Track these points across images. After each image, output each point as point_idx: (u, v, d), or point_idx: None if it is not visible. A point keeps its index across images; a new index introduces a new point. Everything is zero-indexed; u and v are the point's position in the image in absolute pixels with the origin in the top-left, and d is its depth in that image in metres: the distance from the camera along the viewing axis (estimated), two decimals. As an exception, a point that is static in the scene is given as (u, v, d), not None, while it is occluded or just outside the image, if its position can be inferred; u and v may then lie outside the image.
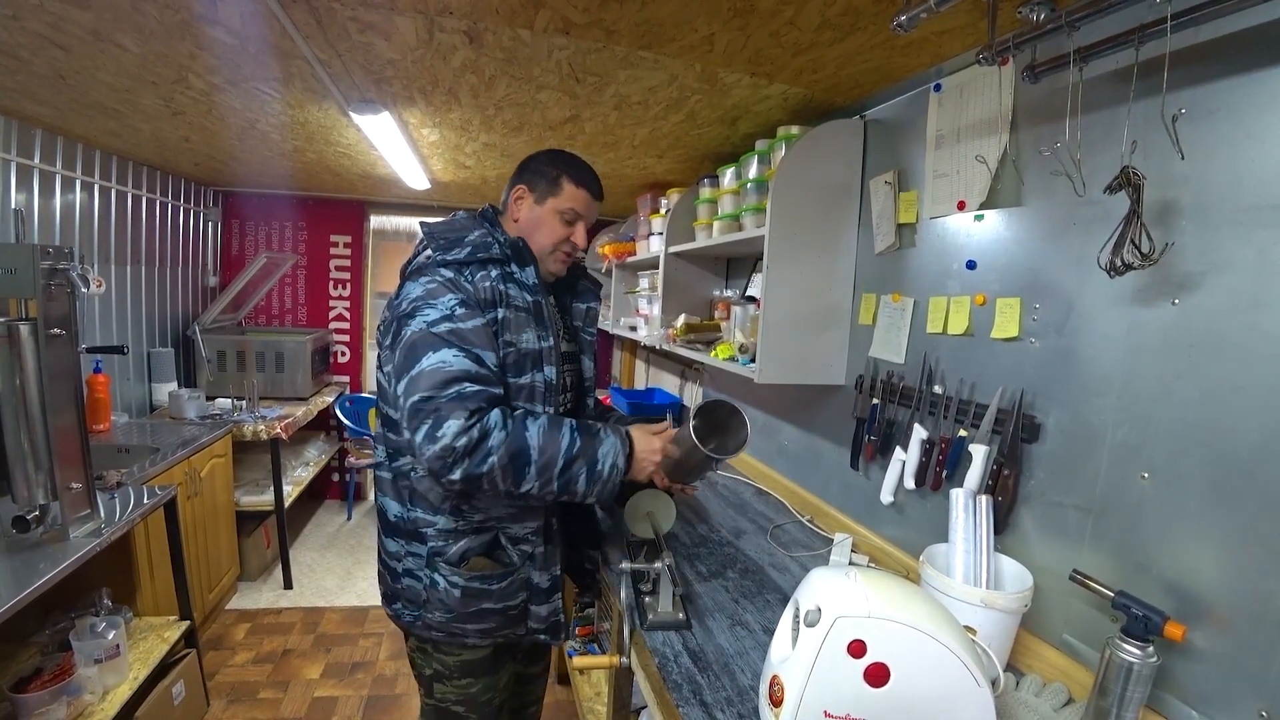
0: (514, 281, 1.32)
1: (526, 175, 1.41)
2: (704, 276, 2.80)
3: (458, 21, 1.41)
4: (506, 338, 1.28)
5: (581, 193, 1.39)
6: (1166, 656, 0.99)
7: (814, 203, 1.77)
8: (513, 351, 1.29)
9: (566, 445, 1.21)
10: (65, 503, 1.69)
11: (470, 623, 1.34)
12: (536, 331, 1.32)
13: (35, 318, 1.61)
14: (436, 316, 1.21)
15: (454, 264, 1.27)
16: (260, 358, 3.66)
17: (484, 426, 1.16)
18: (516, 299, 1.31)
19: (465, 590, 1.32)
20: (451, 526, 1.32)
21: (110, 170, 2.97)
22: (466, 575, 1.31)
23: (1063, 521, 1.21)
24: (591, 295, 1.57)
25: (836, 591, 0.91)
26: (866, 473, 1.80)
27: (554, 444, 1.20)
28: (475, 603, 1.33)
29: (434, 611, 1.34)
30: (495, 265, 1.31)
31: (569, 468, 1.21)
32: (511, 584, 1.35)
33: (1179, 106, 0.98)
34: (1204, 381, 0.99)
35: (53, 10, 1.42)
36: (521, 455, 1.18)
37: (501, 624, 1.36)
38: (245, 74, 1.81)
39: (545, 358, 1.33)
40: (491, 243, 1.31)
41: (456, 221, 1.36)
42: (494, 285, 1.28)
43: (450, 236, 1.31)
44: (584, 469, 1.22)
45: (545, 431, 1.21)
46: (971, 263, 1.43)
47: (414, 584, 1.35)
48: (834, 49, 1.46)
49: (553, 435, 1.21)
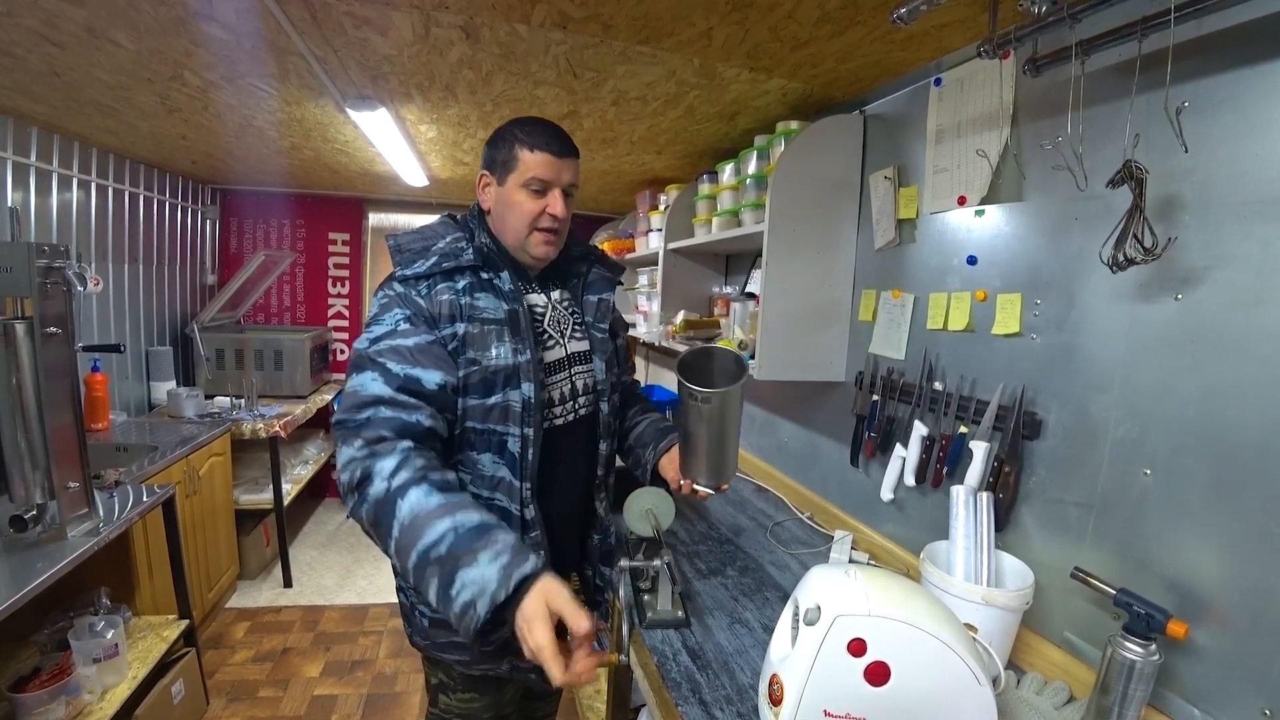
0: (490, 289, 1.21)
1: (485, 159, 1.28)
2: (703, 273, 2.79)
3: (454, 16, 1.40)
4: (469, 355, 1.17)
5: (539, 155, 1.20)
6: (1169, 654, 0.98)
7: (813, 198, 1.76)
8: (476, 370, 1.17)
9: (432, 541, 0.96)
10: (63, 502, 1.69)
11: (446, 652, 1.30)
12: (512, 344, 1.19)
13: (31, 316, 1.61)
14: (381, 332, 1.14)
15: (410, 278, 1.18)
16: (259, 356, 3.64)
17: (368, 467, 1.04)
18: (486, 310, 1.19)
19: (433, 621, 1.27)
20: None
21: (107, 168, 2.96)
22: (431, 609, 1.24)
23: (1064, 518, 1.21)
24: (604, 286, 1.42)
25: (836, 590, 0.90)
26: (866, 470, 1.79)
27: (416, 532, 0.98)
28: (445, 634, 1.27)
29: (417, 634, 1.33)
30: (465, 274, 1.20)
31: (422, 569, 0.97)
32: None
33: (1182, 99, 0.97)
34: (1206, 377, 0.98)
35: (47, 7, 1.41)
36: (384, 523, 1.01)
37: (478, 659, 1.28)
38: (241, 70, 1.80)
39: (523, 373, 1.19)
40: (462, 249, 1.21)
41: (427, 230, 1.26)
42: (456, 299, 1.17)
43: (414, 248, 1.21)
44: (435, 581, 0.96)
45: (419, 514, 0.99)
46: (972, 258, 1.42)
47: (403, 600, 1.34)
48: (833, 43, 1.45)
49: (425, 522, 0.98)
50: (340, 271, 4.41)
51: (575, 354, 1.34)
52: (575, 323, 1.36)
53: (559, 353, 1.31)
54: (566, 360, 1.32)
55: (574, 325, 1.36)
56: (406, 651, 2.85)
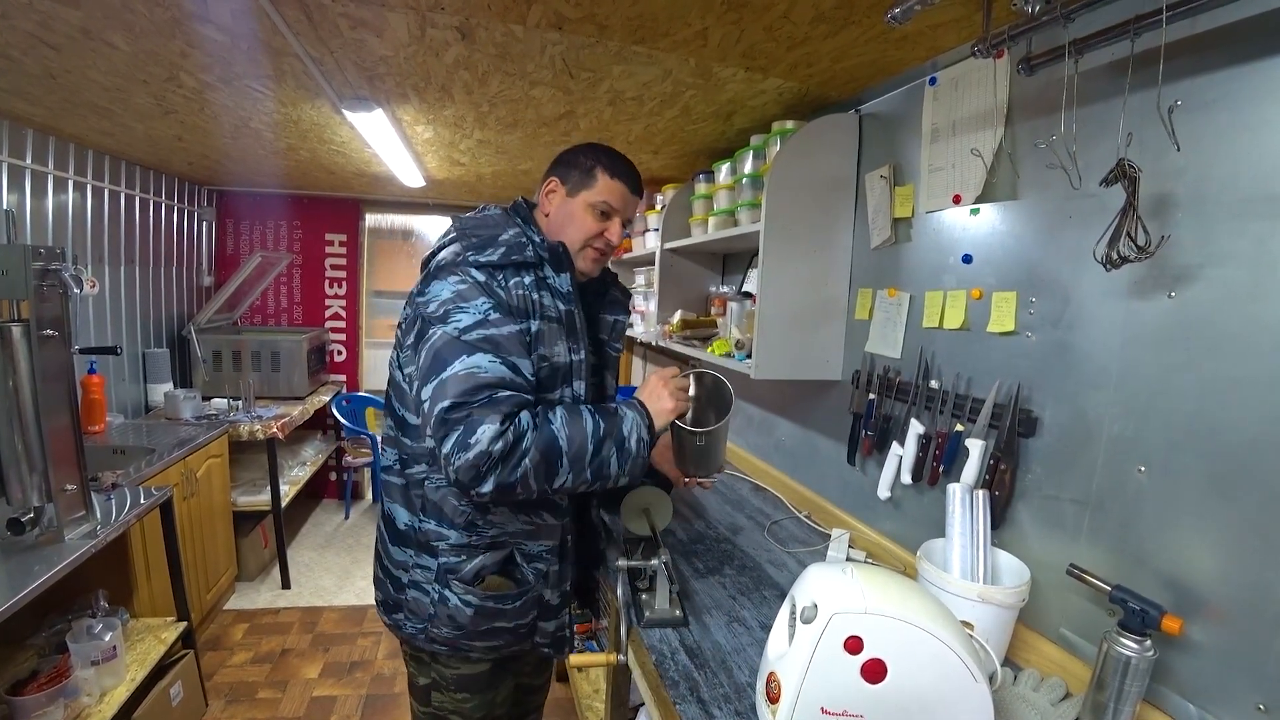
0: (547, 288, 1.25)
1: (560, 167, 1.33)
2: (700, 272, 2.79)
3: (450, 17, 1.40)
4: (540, 350, 1.21)
5: (617, 184, 1.29)
6: (1164, 650, 0.98)
7: (809, 198, 1.77)
8: (545, 365, 1.22)
9: (592, 430, 1.15)
10: (60, 504, 1.69)
11: (479, 640, 1.30)
12: (568, 344, 1.26)
13: (27, 319, 1.61)
14: (470, 322, 1.14)
15: (486, 266, 1.19)
16: (256, 357, 3.64)
17: (518, 430, 1.09)
18: (550, 309, 1.24)
19: (479, 610, 1.27)
20: (464, 541, 1.26)
21: (103, 170, 2.95)
22: (482, 595, 1.27)
23: (1060, 515, 1.21)
24: (621, 309, 1.48)
25: (833, 588, 0.91)
26: (863, 468, 1.79)
27: (580, 432, 1.14)
28: (488, 621, 1.29)
29: (441, 627, 1.29)
30: (529, 270, 1.23)
31: (599, 452, 1.15)
32: (525, 603, 1.31)
33: (1175, 98, 0.98)
34: (1201, 374, 0.98)
35: (42, 9, 1.41)
36: (552, 450, 1.12)
37: (509, 640, 1.33)
38: (237, 72, 1.80)
39: (576, 372, 1.27)
40: (526, 244, 1.24)
41: (489, 218, 1.29)
42: (527, 294, 1.21)
43: (483, 234, 1.23)
44: (613, 450, 1.16)
45: (570, 420, 1.15)
46: (967, 257, 1.43)
47: (421, 597, 1.30)
48: (828, 43, 1.45)
49: (576, 423, 1.15)
50: (337, 273, 4.41)
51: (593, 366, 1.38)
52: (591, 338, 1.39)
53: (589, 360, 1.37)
54: None
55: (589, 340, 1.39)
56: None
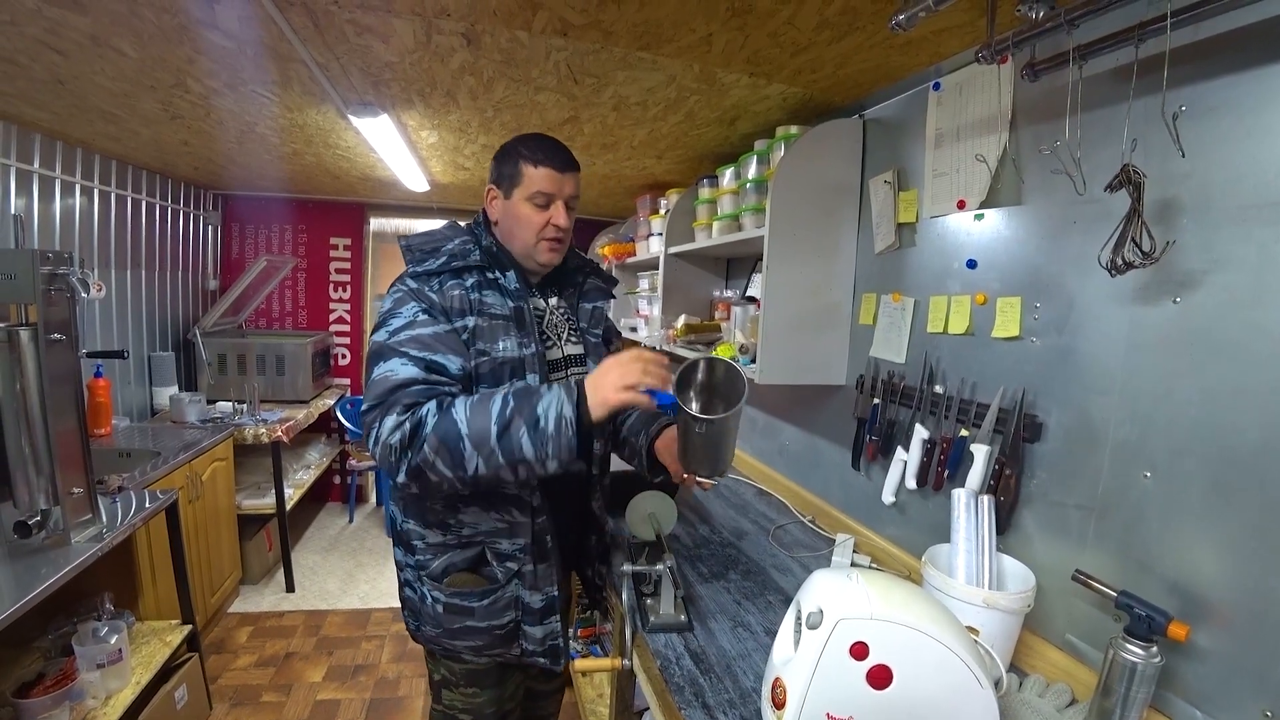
0: (496, 288, 1.29)
1: (494, 173, 1.37)
2: (704, 277, 2.79)
3: (455, 23, 1.41)
4: (479, 346, 1.24)
5: (542, 171, 1.29)
6: (1170, 656, 0.98)
7: (813, 202, 1.77)
8: (486, 360, 1.24)
9: (498, 411, 1.12)
10: (67, 507, 1.69)
11: (459, 639, 1.33)
12: (518, 338, 1.27)
13: (35, 323, 1.62)
14: (399, 325, 1.21)
15: (422, 275, 1.25)
16: (261, 361, 3.65)
17: (416, 417, 1.12)
18: (493, 306, 1.27)
19: (447, 606, 1.31)
20: (439, 540, 1.31)
21: (110, 174, 2.97)
22: (447, 591, 1.30)
23: (1065, 521, 1.21)
24: (599, 295, 1.51)
25: (839, 593, 0.91)
26: (868, 473, 1.79)
27: (483, 413, 1.12)
28: (459, 619, 1.31)
29: (428, 625, 1.35)
30: (473, 273, 1.28)
31: (505, 433, 1.11)
32: (496, 602, 1.31)
33: (1179, 104, 0.98)
34: (1206, 380, 0.98)
35: (50, 16, 1.42)
36: (450, 433, 1.11)
37: (490, 643, 1.34)
38: (243, 78, 1.81)
39: (529, 365, 1.27)
40: (470, 249, 1.29)
41: (435, 233, 1.33)
42: (465, 294, 1.25)
43: (426, 248, 1.28)
44: (523, 429, 1.11)
45: (474, 404, 1.14)
46: (972, 262, 1.43)
47: (412, 595, 1.36)
48: (832, 48, 1.45)
49: (482, 406, 1.13)
50: (341, 276, 4.42)
51: (571, 356, 1.42)
52: (571, 328, 1.45)
53: (556, 354, 1.39)
54: (563, 361, 1.40)
55: (569, 330, 1.44)
56: (409, 656, 2.86)
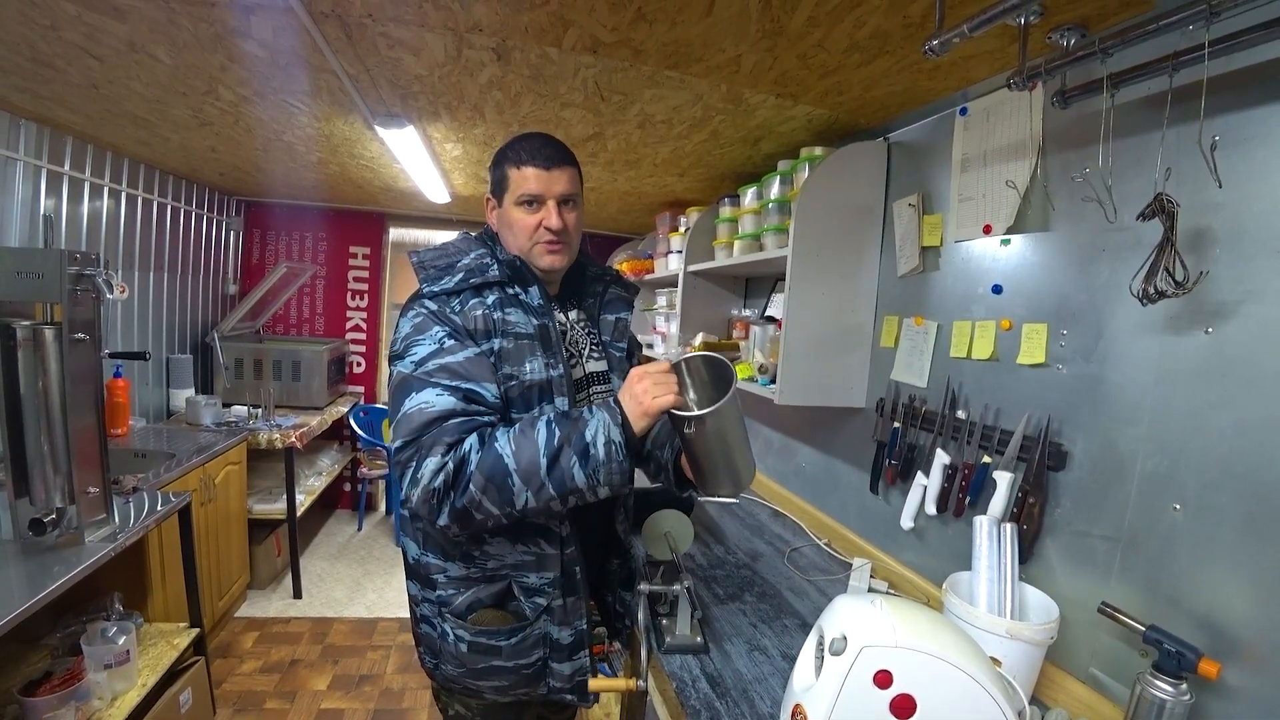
0: (517, 305, 1.21)
1: (490, 185, 1.29)
2: (722, 295, 2.79)
3: (487, 39, 1.42)
4: (506, 370, 1.16)
5: (527, 170, 1.20)
6: (1200, 694, 0.96)
7: (836, 224, 1.77)
8: (515, 385, 1.17)
9: (545, 441, 1.06)
10: (82, 506, 1.70)
11: (482, 680, 1.25)
12: (544, 359, 1.19)
13: (60, 322, 1.63)
14: (425, 353, 1.12)
15: (440, 294, 1.17)
16: (277, 366, 3.68)
17: (459, 455, 1.06)
18: (518, 325, 1.19)
19: (472, 645, 1.22)
20: (462, 574, 1.22)
21: (137, 178, 3.01)
22: (473, 629, 1.22)
23: (1090, 552, 1.19)
24: (621, 305, 1.42)
25: (862, 620, 0.89)
26: (886, 497, 1.77)
27: (529, 445, 1.06)
28: (484, 659, 1.23)
29: (448, 664, 1.26)
30: (493, 289, 1.20)
31: (556, 463, 1.05)
32: (524, 640, 1.23)
33: (1213, 133, 0.97)
34: (1239, 412, 0.97)
35: (89, 21, 1.45)
36: (498, 470, 1.05)
37: (516, 682, 1.25)
38: (274, 86, 1.84)
39: (556, 388, 1.19)
40: (489, 264, 1.21)
41: (450, 246, 1.25)
42: (488, 314, 1.17)
43: (440, 265, 1.21)
44: (573, 458, 1.05)
45: (517, 436, 1.07)
46: (997, 287, 1.42)
47: (430, 631, 1.27)
48: (861, 71, 1.46)
49: (526, 436, 1.07)
50: (360, 285, 4.45)
51: (593, 374, 1.33)
52: (593, 343, 1.35)
53: (579, 373, 1.30)
54: (586, 380, 1.31)
55: (591, 345, 1.35)
56: (415, 667, 2.83)
